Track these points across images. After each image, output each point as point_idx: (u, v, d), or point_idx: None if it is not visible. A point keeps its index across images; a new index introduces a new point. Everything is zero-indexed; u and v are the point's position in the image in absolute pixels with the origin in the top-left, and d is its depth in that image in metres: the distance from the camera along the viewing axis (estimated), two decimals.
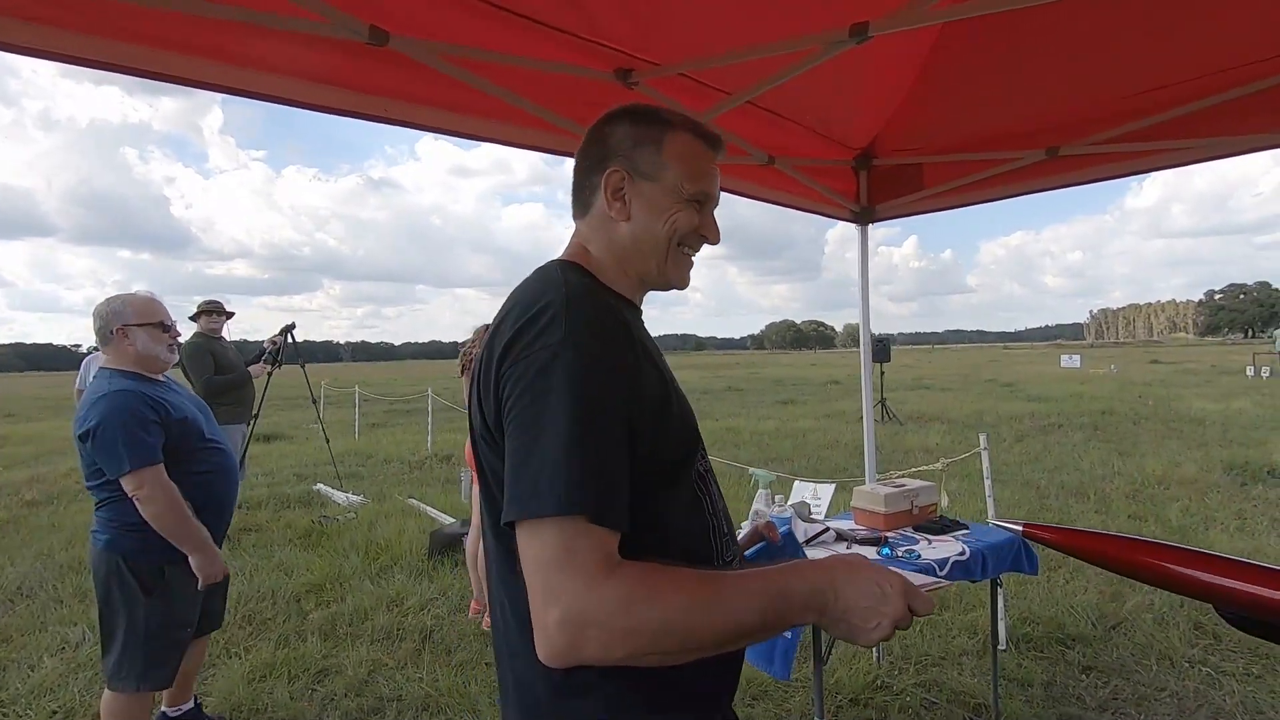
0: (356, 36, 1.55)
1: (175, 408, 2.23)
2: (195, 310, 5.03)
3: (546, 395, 0.79)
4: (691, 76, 2.12)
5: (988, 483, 3.52)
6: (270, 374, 5.83)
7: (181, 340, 2.54)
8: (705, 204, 1.01)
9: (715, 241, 1.04)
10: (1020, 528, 1.46)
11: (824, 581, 0.80)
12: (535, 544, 0.76)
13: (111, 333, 2.20)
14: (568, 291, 0.87)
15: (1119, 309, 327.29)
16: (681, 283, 1.04)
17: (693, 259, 1.04)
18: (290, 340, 6.05)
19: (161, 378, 2.31)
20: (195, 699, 2.71)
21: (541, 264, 1.02)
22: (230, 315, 5.17)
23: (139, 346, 2.19)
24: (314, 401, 8.46)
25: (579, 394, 0.79)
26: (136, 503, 2.09)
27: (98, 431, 2.07)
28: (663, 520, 0.89)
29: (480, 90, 1.83)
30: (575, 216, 1.06)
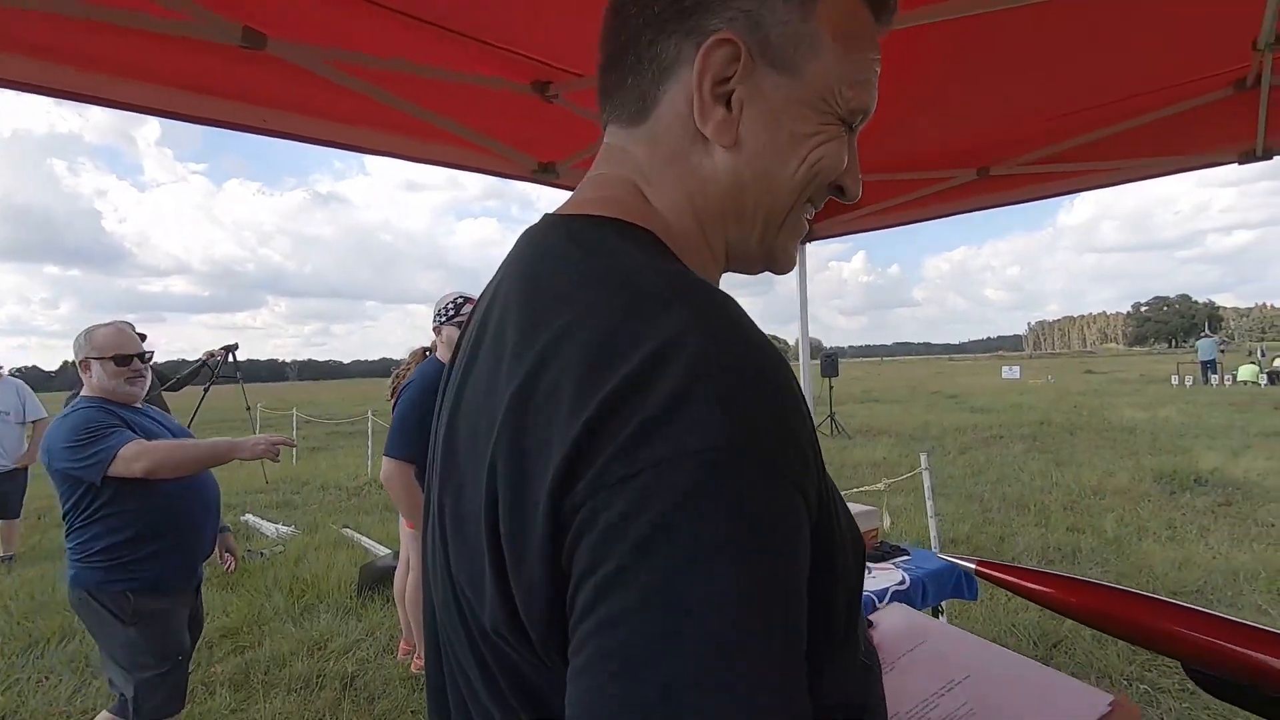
0: (229, 39, 1.39)
1: (143, 429, 2.19)
2: None
3: (695, 569, 0.35)
4: None
5: (929, 503, 3.50)
6: (207, 389, 5.53)
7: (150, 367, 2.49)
8: (858, 129, 0.58)
9: (855, 196, 0.60)
10: (973, 565, 1.38)
11: None
12: None
13: (78, 365, 2.24)
14: (699, 317, 0.42)
15: (1055, 321, 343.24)
16: (789, 263, 0.60)
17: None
18: (231, 359, 5.77)
19: (140, 405, 2.30)
20: None
21: (559, 225, 0.54)
22: (142, 337, 4.83)
23: (96, 379, 2.22)
24: (248, 409, 8.04)
25: (770, 571, 0.37)
26: (149, 477, 2.05)
27: (67, 448, 2.05)
28: (827, 682, 0.48)
29: (378, 101, 1.69)
30: (613, 121, 0.58)
